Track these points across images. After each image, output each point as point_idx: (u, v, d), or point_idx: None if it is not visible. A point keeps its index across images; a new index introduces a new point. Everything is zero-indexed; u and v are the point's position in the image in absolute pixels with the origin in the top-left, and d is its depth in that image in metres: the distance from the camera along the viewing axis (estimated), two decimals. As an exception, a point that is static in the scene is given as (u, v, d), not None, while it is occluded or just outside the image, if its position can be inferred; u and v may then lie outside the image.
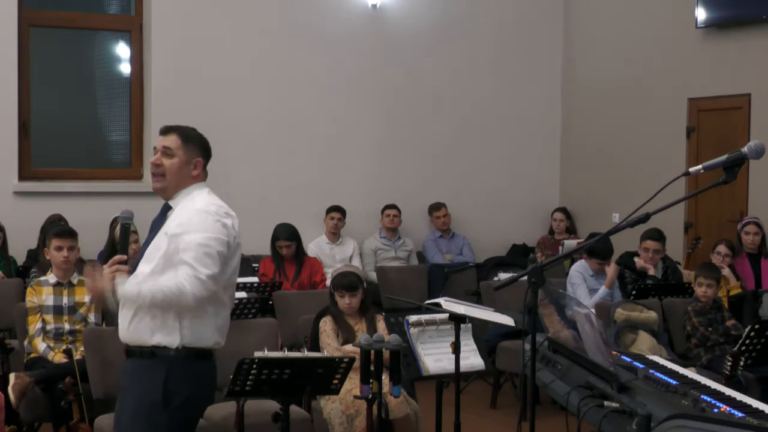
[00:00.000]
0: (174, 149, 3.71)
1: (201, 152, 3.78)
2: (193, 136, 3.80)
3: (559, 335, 3.70)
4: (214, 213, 3.61)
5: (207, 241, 3.55)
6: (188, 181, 3.72)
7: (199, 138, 3.83)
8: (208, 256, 3.53)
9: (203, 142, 3.83)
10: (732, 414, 2.89)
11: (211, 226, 3.58)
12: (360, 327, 5.63)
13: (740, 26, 8.30)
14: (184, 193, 3.71)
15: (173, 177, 3.69)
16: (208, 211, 3.61)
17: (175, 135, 3.75)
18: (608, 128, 9.62)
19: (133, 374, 3.65)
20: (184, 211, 3.64)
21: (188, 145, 3.75)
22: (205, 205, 3.63)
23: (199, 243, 3.54)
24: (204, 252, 3.53)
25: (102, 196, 8.44)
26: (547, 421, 4.81)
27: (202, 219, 3.58)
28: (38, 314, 5.74)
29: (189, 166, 3.72)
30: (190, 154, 3.73)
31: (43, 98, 8.61)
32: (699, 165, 3.24)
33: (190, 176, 3.72)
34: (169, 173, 3.69)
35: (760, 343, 5.85)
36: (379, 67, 9.46)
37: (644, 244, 7.26)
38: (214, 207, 3.64)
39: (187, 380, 3.62)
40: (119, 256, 3.66)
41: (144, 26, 8.77)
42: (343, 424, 5.25)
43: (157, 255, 3.61)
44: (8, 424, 5.44)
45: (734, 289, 7.26)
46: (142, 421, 3.59)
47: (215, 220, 3.60)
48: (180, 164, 3.70)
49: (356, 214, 9.10)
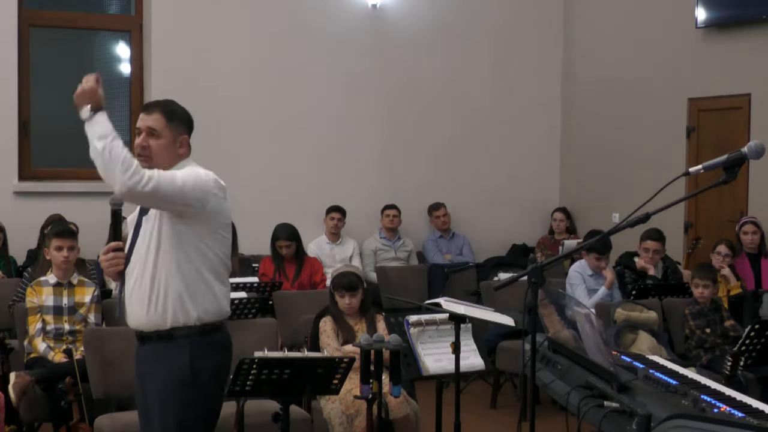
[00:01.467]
0: (159, 129, 3.60)
1: (185, 128, 3.70)
2: (176, 111, 3.69)
3: (559, 335, 3.70)
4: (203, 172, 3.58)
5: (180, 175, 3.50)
6: (175, 159, 3.64)
7: (182, 113, 3.72)
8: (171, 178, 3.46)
9: (187, 117, 3.73)
10: (732, 414, 2.89)
11: (194, 174, 3.54)
12: (360, 327, 5.63)
13: (740, 26, 8.30)
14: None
15: (160, 158, 3.59)
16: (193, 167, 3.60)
17: (158, 113, 3.62)
18: (608, 128, 9.62)
19: (154, 360, 3.59)
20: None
21: (173, 122, 3.64)
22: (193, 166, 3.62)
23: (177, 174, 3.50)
24: (170, 176, 3.46)
25: (102, 196, 8.30)
26: (547, 421, 4.82)
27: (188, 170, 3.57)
28: (38, 314, 5.74)
29: (175, 144, 3.64)
30: (175, 132, 3.64)
31: (43, 98, 8.61)
32: (699, 165, 3.23)
33: (176, 155, 3.64)
34: (156, 154, 3.59)
35: (760, 343, 5.85)
36: (379, 67, 9.46)
37: (644, 244, 7.26)
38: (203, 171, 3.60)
39: (210, 354, 3.59)
40: (115, 243, 3.60)
41: (144, 26, 8.77)
42: (343, 424, 5.25)
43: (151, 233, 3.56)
44: (8, 423, 5.44)
45: (734, 289, 7.26)
46: (172, 403, 3.54)
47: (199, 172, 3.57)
48: (166, 144, 3.61)
49: (356, 214, 9.10)
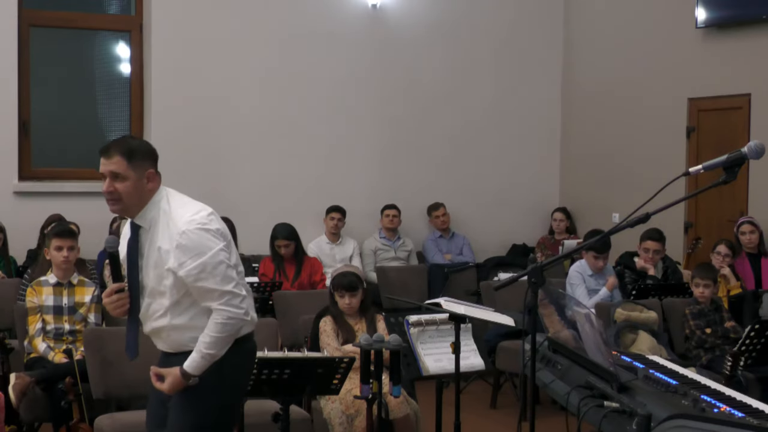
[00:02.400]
0: (122, 172, 3.56)
1: (149, 162, 3.62)
2: (135, 149, 3.61)
3: (559, 335, 3.71)
4: (196, 226, 3.52)
5: (210, 260, 3.50)
6: (146, 195, 3.60)
7: (142, 147, 3.65)
8: (217, 270, 3.50)
9: (148, 150, 3.65)
10: (732, 414, 2.89)
11: (203, 244, 3.50)
12: (360, 327, 5.63)
13: (740, 26, 8.30)
14: (148, 208, 3.61)
15: (130, 198, 3.58)
16: (188, 230, 3.50)
17: (117, 156, 3.57)
18: (608, 128, 9.62)
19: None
20: (167, 236, 3.53)
21: (134, 161, 3.57)
22: (183, 222, 3.52)
23: (203, 270, 3.49)
24: (211, 271, 3.50)
25: (102, 196, 8.38)
26: (547, 421, 4.82)
27: (190, 241, 3.49)
28: (38, 314, 5.74)
29: (142, 181, 3.58)
30: (139, 170, 3.58)
31: (43, 98, 8.61)
32: (699, 165, 3.24)
33: (146, 191, 3.59)
34: (126, 196, 3.57)
35: (760, 343, 5.85)
36: (379, 67, 9.46)
37: (644, 244, 7.26)
38: (192, 219, 3.53)
39: (239, 363, 3.67)
40: (117, 285, 3.62)
41: (144, 26, 8.77)
42: (343, 424, 5.25)
43: (167, 285, 3.55)
44: (8, 424, 5.44)
45: (734, 289, 7.26)
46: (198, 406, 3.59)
47: (201, 233, 3.51)
48: (133, 184, 3.56)
49: (356, 214, 9.10)
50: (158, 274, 3.57)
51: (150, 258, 3.60)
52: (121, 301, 3.61)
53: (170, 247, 3.51)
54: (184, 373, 3.52)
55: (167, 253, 3.52)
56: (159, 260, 3.55)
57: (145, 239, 3.62)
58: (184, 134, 8.58)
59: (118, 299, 3.61)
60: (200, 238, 3.51)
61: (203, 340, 3.50)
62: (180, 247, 3.49)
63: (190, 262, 3.48)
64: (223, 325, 3.50)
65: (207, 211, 3.60)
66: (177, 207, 3.60)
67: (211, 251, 3.50)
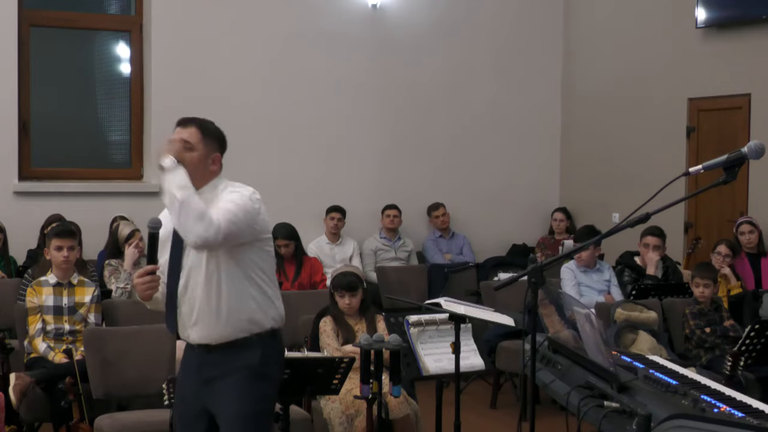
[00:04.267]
0: (194, 143, 3.63)
1: (218, 147, 3.73)
2: (212, 129, 3.74)
3: (559, 335, 3.71)
4: (250, 193, 3.63)
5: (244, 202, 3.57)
6: (206, 176, 3.67)
7: (217, 132, 3.76)
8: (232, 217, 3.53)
9: (221, 136, 3.77)
10: (732, 414, 2.90)
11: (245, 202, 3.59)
12: (360, 327, 5.63)
13: (740, 26, 8.30)
14: (205, 190, 3.65)
15: (194, 170, 3.59)
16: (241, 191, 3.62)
17: (194, 127, 3.67)
18: (608, 128, 9.62)
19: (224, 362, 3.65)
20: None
21: (207, 138, 3.68)
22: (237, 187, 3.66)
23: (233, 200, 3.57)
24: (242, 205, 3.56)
25: (102, 196, 8.44)
26: (547, 421, 4.82)
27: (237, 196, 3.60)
28: (38, 314, 5.74)
29: (207, 160, 3.66)
30: (209, 149, 3.67)
31: (43, 98, 8.61)
32: (699, 165, 3.24)
33: (208, 171, 3.67)
34: (189, 167, 3.58)
35: (760, 343, 5.86)
36: (379, 67, 9.46)
37: (644, 239, 7.29)
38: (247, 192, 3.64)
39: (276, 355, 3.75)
40: (151, 267, 3.58)
41: (144, 26, 8.77)
42: (343, 424, 5.26)
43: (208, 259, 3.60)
44: (8, 424, 5.44)
45: (735, 288, 7.26)
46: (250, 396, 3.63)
47: (249, 201, 3.60)
48: (200, 158, 3.63)
49: (356, 214, 9.10)
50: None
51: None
52: (153, 282, 3.58)
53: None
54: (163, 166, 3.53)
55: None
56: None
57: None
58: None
59: (151, 280, 3.57)
60: (247, 201, 3.59)
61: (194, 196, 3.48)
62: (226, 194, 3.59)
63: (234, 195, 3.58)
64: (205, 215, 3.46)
65: (257, 194, 3.67)
66: (233, 187, 3.68)
67: (247, 199, 3.58)
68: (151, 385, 5.07)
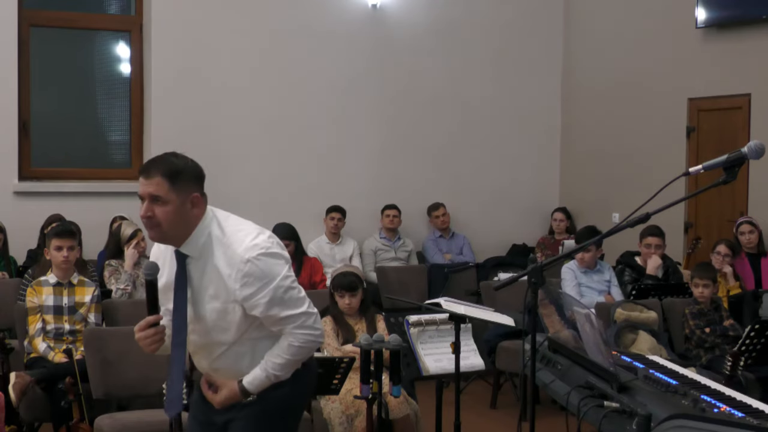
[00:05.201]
0: (163, 195, 3.14)
1: (194, 184, 3.21)
2: (179, 169, 3.19)
3: (559, 335, 3.71)
4: (260, 251, 3.17)
5: (280, 284, 3.18)
6: (191, 221, 3.19)
7: (187, 168, 3.22)
8: (288, 295, 3.21)
9: (193, 171, 3.24)
10: (732, 414, 2.89)
11: (270, 271, 3.17)
12: (360, 327, 5.63)
13: (740, 26, 8.30)
14: (196, 235, 3.21)
15: (172, 226, 3.16)
16: (252, 257, 3.15)
17: (158, 177, 3.14)
18: (608, 128, 9.62)
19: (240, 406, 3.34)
20: (227, 264, 3.17)
21: (178, 184, 3.15)
22: (245, 248, 3.16)
23: (274, 297, 3.17)
24: (282, 296, 3.19)
25: (102, 196, 8.45)
26: (547, 421, 4.82)
27: (256, 269, 3.15)
28: (38, 314, 5.74)
29: (185, 206, 3.17)
30: (183, 195, 3.16)
31: (43, 98, 8.61)
32: (699, 165, 3.24)
33: (191, 217, 3.19)
34: (166, 223, 3.15)
35: (760, 343, 5.86)
36: (379, 67, 9.46)
37: (645, 240, 7.29)
38: (254, 245, 3.18)
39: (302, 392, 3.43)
40: (153, 318, 3.19)
41: (144, 26, 8.77)
42: (343, 424, 5.26)
43: (232, 321, 3.22)
44: (8, 424, 5.44)
45: (733, 289, 7.26)
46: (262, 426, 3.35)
47: (266, 259, 3.17)
48: (175, 210, 3.15)
49: (356, 214, 9.10)
50: (221, 308, 3.21)
51: (205, 290, 3.22)
52: (157, 335, 3.20)
53: (234, 277, 3.15)
54: (243, 389, 3.25)
55: (231, 281, 3.15)
56: (221, 292, 3.19)
57: (195, 269, 3.22)
58: (184, 134, 8.57)
59: (155, 333, 3.19)
60: (266, 264, 3.16)
61: (273, 360, 3.22)
62: (247, 276, 3.13)
63: (259, 292, 3.14)
64: (299, 348, 3.23)
65: (266, 234, 3.24)
66: (232, 232, 3.22)
67: (279, 276, 3.17)
68: (151, 385, 5.07)
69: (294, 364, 3.27)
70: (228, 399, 3.30)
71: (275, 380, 3.26)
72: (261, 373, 3.24)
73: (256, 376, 3.25)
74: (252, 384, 3.25)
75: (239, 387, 3.26)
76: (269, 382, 3.26)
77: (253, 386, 3.26)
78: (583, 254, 7.12)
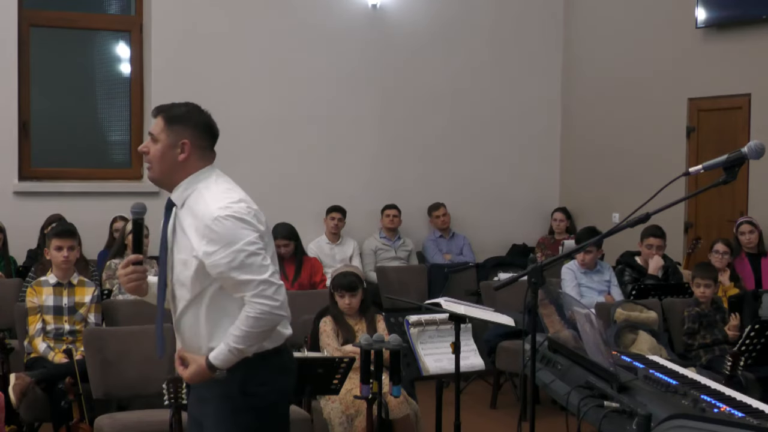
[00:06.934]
0: (157, 134, 3.32)
1: (191, 132, 3.33)
2: (181, 115, 3.34)
3: (559, 335, 3.71)
4: (231, 213, 3.20)
5: (243, 249, 3.18)
6: (178, 167, 3.31)
7: (190, 116, 3.36)
8: (250, 260, 3.18)
9: (194, 121, 3.36)
10: (732, 414, 2.89)
11: (235, 233, 3.19)
12: (360, 327, 5.63)
13: (740, 26, 8.30)
14: (185, 185, 3.31)
15: (158, 164, 3.31)
16: (221, 216, 3.19)
17: (160, 117, 3.35)
18: (608, 128, 9.62)
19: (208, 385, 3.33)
20: (199, 218, 3.23)
21: (173, 126, 3.31)
22: (217, 207, 3.21)
23: (235, 260, 3.17)
24: (243, 260, 3.18)
25: (102, 196, 8.44)
26: (547, 421, 4.82)
27: (222, 228, 3.18)
28: (38, 314, 5.74)
29: (174, 150, 3.30)
30: (175, 137, 3.30)
31: (43, 98, 8.61)
32: (699, 165, 3.24)
33: (176, 161, 3.30)
34: (153, 160, 3.31)
35: (760, 343, 5.86)
36: (379, 67, 9.46)
37: (647, 241, 7.29)
38: (227, 206, 3.22)
39: (268, 380, 3.33)
40: (134, 256, 3.33)
41: (144, 26, 8.77)
42: (343, 424, 5.26)
43: (187, 276, 3.27)
44: (8, 424, 5.44)
45: (729, 290, 7.24)
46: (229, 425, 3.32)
47: (234, 221, 3.20)
48: (162, 149, 3.30)
49: (356, 214, 9.10)
50: (184, 259, 3.27)
51: (179, 240, 3.31)
52: (135, 274, 3.32)
53: (200, 231, 3.21)
54: (209, 364, 3.24)
55: (197, 235, 3.22)
56: (187, 244, 3.26)
57: (179, 219, 3.32)
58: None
59: (133, 271, 3.32)
60: (233, 226, 3.19)
61: (233, 333, 3.19)
62: (212, 233, 3.18)
63: (221, 252, 3.16)
64: (256, 319, 3.17)
65: (251, 205, 3.28)
66: (217, 192, 3.28)
67: (243, 240, 3.18)
68: (151, 385, 5.06)
69: (254, 337, 3.21)
70: (196, 374, 3.30)
71: (239, 354, 3.22)
72: (224, 346, 3.23)
73: (220, 350, 3.24)
74: (216, 358, 3.24)
75: (206, 362, 3.26)
76: (233, 356, 3.23)
77: (218, 360, 3.24)
78: (584, 255, 7.12)
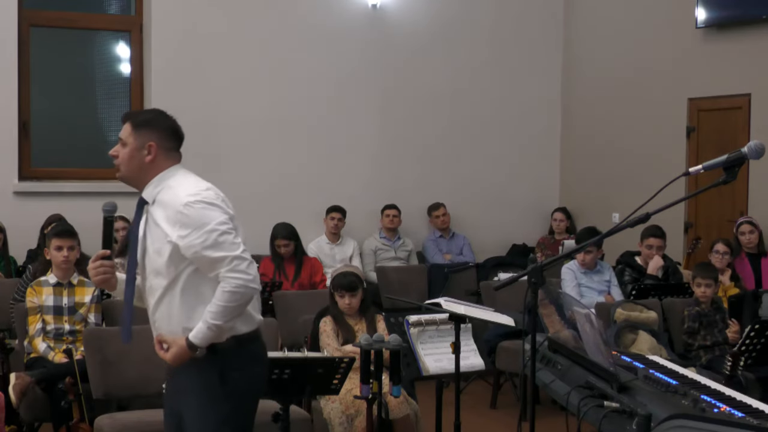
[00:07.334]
0: (125, 138, 3.56)
1: (157, 135, 3.56)
2: (147, 120, 3.60)
3: (559, 335, 3.71)
4: (200, 199, 3.43)
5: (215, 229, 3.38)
6: (146, 168, 3.55)
7: (155, 121, 3.61)
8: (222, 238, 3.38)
9: (161, 125, 3.60)
10: (732, 414, 2.90)
11: (206, 215, 3.40)
12: (360, 327, 5.63)
13: (740, 26, 8.30)
14: (154, 183, 3.54)
15: (126, 166, 3.56)
16: (191, 202, 3.41)
17: (128, 123, 3.59)
18: (608, 128, 9.62)
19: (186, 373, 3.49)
20: (170, 207, 3.45)
21: (140, 130, 3.55)
22: (187, 194, 3.43)
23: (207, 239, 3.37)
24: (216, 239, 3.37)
25: (102, 196, 8.28)
26: (547, 421, 4.81)
27: (193, 212, 3.40)
28: (38, 314, 5.73)
29: (141, 152, 3.53)
30: (141, 140, 3.53)
31: (43, 98, 8.61)
32: (699, 165, 3.24)
33: (144, 163, 3.54)
34: (123, 163, 3.56)
35: (760, 343, 5.85)
36: (379, 67, 9.46)
37: (647, 241, 7.28)
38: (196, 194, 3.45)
39: (244, 366, 3.50)
40: (103, 252, 3.58)
41: (144, 26, 8.77)
42: (343, 424, 5.25)
43: (162, 263, 3.45)
44: (8, 424, 5.45)
45: (730, 290, 7.25)
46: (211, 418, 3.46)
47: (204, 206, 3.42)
48: (130, 153, 3.54)
49: (356, 214, 9.10)
50: (156, 249, 3.48)
51: (152, 234, 3.51)
52: (103, 268, 3.55)
53: (172, 218, 3.42)
54: (189, 343, 3.38)
55: (168, 223, 3.43)
56: (160, 234, 3.46)
57: (151, 215, 3.53)
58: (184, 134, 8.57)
59: (100, 265, 3.55)
60: (203, 210, 3.41)
61: (209, 310, 3.36)
62: (183, 218, 3.39)
63: (194, 234, 3.37)
64: (232, 293, 3.35)
65: (216, 192, 3.52)
66: (186, 184, 3.52)
67: (214, 221, 3.39)
68: (151, 385, 5.06)
69: (230, 311, 3.36)
70: (177, 355, 3.43)
71: (217, 331, 3.37)
72: (202, 325, 3.38)
73: (199, 328, 3.38)
74: (196, 337, 3.39)
75: (186, 342, 3.40)
76: (212, 333, 3.38)
77: (197, 339, 3.39)
78: (584, 255, 7.12)
